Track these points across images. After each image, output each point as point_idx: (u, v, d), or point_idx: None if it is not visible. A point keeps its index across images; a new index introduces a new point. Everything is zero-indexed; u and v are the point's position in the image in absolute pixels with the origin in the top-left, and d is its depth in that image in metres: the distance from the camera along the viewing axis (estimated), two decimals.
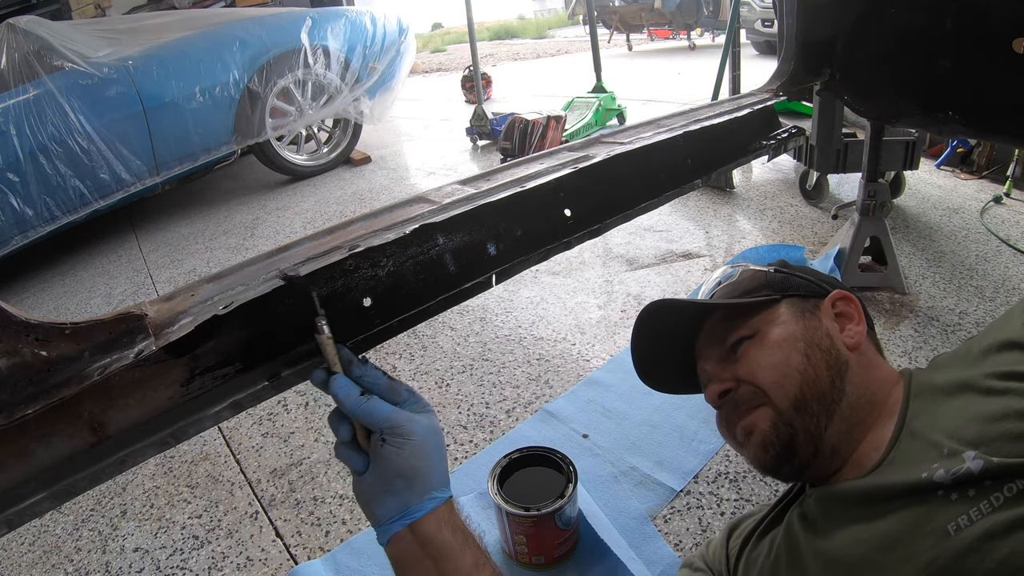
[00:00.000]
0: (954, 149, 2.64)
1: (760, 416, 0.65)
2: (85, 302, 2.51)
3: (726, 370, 0.70)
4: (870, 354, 0.68)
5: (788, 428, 0.63)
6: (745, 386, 0.67)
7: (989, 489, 0.46)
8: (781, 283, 0.73)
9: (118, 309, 0.48)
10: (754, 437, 0.65)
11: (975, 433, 0.50)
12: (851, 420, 0.62)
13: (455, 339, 1.78)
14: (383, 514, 0.54)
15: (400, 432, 0.54)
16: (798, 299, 0.71)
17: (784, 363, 0.65)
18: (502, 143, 3.37)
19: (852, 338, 0.67)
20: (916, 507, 0.50)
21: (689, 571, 0.80)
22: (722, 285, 0.78)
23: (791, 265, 0.78)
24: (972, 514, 0.46)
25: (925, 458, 0.52)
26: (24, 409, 0.40)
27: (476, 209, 0.63)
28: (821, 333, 0.67)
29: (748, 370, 0.67)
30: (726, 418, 0.70)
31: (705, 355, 0.74)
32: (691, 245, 2.19)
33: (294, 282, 0.51)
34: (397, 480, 0.54)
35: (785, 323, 0.68)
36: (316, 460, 1.38)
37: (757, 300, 0.71)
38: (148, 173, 2.83)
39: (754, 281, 0.74)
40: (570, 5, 10.53)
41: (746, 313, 0.71)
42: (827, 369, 0.64)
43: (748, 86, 1.66)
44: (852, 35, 1.21)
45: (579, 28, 13.26)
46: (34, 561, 1.23)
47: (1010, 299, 1.63)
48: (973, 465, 0.48)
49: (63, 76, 2.57)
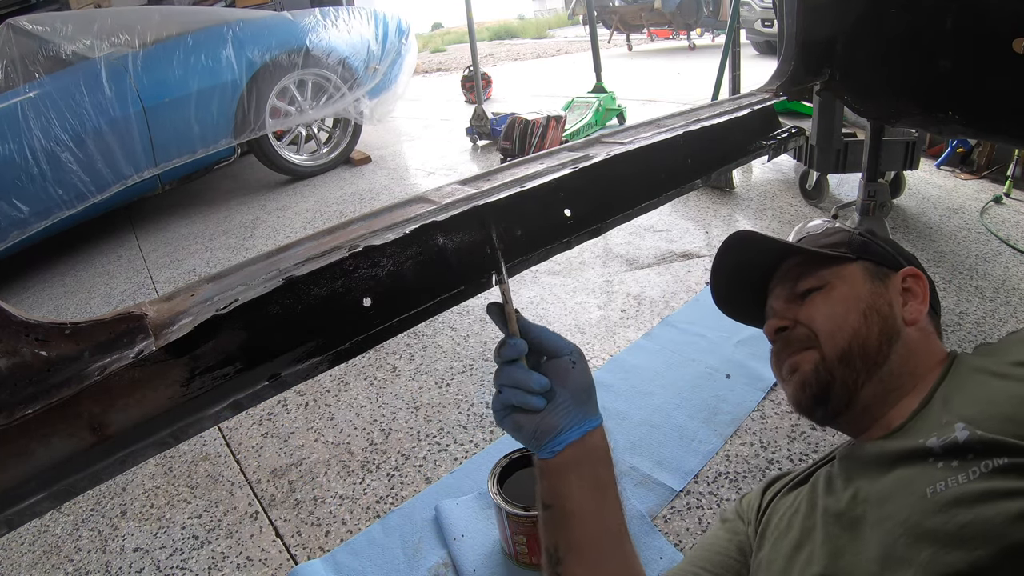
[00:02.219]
0: (954, 149, 2.64)
1: (806, 358, 0.70)
2: (85, 302, 2.51)
3: (790, 310, 0.75)
4: (926, 332, 0.72)
5: (828, 375, 0.67)
6: (801, 328, 0.72)
7: (970, 462, 0.50)
8: (861, 246, 0.77)
9: (118, 309, 0.48)
10: (796, 376, 0.70)
11: (973, 410, 0.54)
12: (888, 385, 0.66)
13: (455, 339, 1.78)
14: (568, 423, 0.61)
15: (582, 355, 0.64)
16: (872, 264, 0.75)
17: (842, 317, 0.69)
18: (502, 143, 3.37)
19: (911, 314, 0.71)
20: (908, 469, 0.55)
21: (719, 522, 0.84)
22: (809, 234, 0.84)
23: (876, 234, 0.82)
24: (949, 481, 0.50)
25: (930, 428, 0.56)
26: (24, 409, 0.40)
27: (476, 209, 0.63)
28: (884, 301, 0.71)
29: (808, 315, 0.72)
30: (777, 353, 0.75)
31: (776, 293, 0.79)
32: (691, 245, 2.19)
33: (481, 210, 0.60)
34: (582, 393, 0.62)
35: (854, 282, 0.73)
36: (316, 460, 1.38)
37: (835, 255, 0.75)
38: (148, 173, 2.83)
39: (837, 237, 0.79)
40: (570, 5, 10.53)
41: (822, 263, 0.75)
42: (879, 334, 0.68)
43: (748, 86, 1.66)
44: (852, 35, 1.21)
45: (579, 28, 13.26)
46: (34, 561, 1.23)
47: (1010, 299, 1.63)
48: (960, 435, 0.52)
49: (63, 75, 2.57)
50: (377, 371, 1.68)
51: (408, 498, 1.23)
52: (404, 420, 1.47)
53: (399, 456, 1.36)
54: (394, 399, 1.55)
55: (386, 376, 1.65)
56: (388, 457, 1.36)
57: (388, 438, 1.42)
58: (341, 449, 1.41)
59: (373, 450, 1.39)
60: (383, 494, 1.26)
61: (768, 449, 1.23)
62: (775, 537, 0.69)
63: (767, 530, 0.72)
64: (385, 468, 1.33)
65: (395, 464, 1.34)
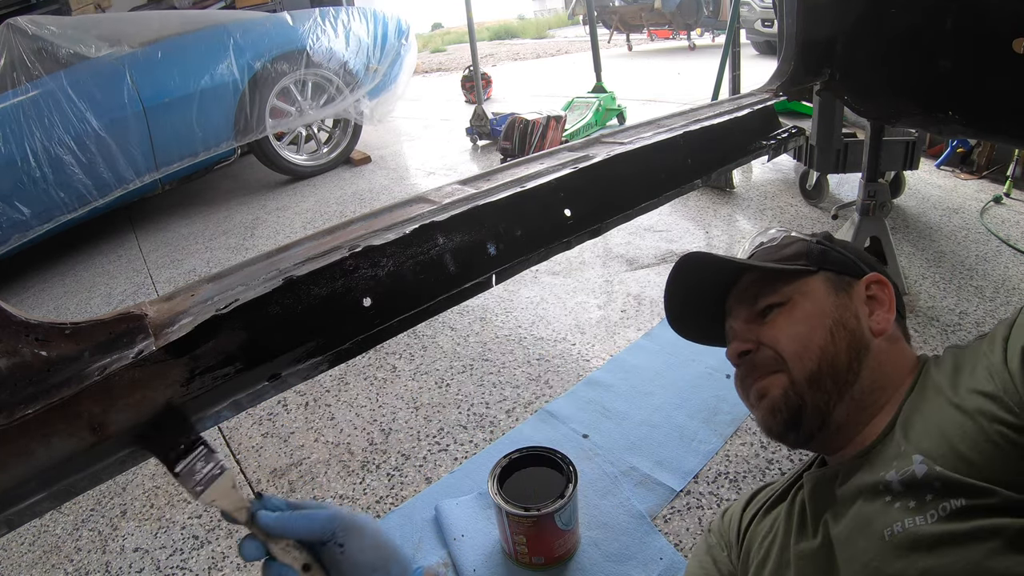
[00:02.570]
0: (954, 149, 2.64)
1: (774, 382, 0.66)
2: (85, 302, 2.51)
3: (751, 331, 0.71)
4: (894, 340, 0.69)
5: (798, 399, 0.64)
6: (766, 350, 0.68)
7: (928, 504, 0.49)
8: (820, 256, 0.73)
9: (118, 309, 0.48)
10: (765, 401, 0.67)
11: (929, 442, 0.52)
12: (860, 403, 0.63)
13: (455, 339, 1.78)
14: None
15: (351, 524, 0.49)
16: (834, 275, 0.72)
17: (808, 336, 0.66)
18: (502, 143, 3.37)
19: (879, 324, 0.68)
20: (868, 505, 0.54)
21: (704, 547, 0.83)
22: (763, 246, 0.79)
23: (834, 239, 0.79)
24: (907, 522, 0.49)
25: (891, 456, 0.55)
26: (24, 409, 0.40)
27: (476, 209, 0.63)
28: (849, 314, 0.68)
29: (772, 336, 0.68)
30: (742, 378, 0.71)
31: (735, 312, 0.75)
32: (691, 245, 2.19)
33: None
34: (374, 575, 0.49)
35: (816, 297, 0.69)
36: (316, 460, 1.38)
37: (794, 268, 0.72)
38: (148, 172, 2.83)
39: (794, 248, 0.75)
40: (570, 5, 10.53)
41: (780, 279, 0.71)
42: (847, 350, 0.65)
43: (748, 86, 1.66)
44: (852, 35, 1.21)
45: (579, 28, 13.26)
46: (34, 561, 1.23)
47: (1010, 299, 1.63)
48: (918, 469, 0.50)
49: (63, 75, 2.57)
50: (377, 371, 1.68)
51: (408, 498, 1.23)
52: (404, 420, 1.47)
53: (399, 456, 1.36)
54: (394, 399, 1.55)
55: (386, 376, 1.65)
56: (388, 457, 1.36)
57: (388, 438, 1.42)
58: (341, 449, 1.41)
59: (373, 450, 1.39)
60: (383, 494, 1.26)
61: (768, 449, 1.23)
62: (756, 565, 0.69)
63: (749, 554, 0.72)
64: (385, 468, 1.33)
65: (395, 464, 1.34)
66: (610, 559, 1.04)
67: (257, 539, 0.47)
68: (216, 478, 0.43)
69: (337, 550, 0.49)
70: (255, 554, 0.47)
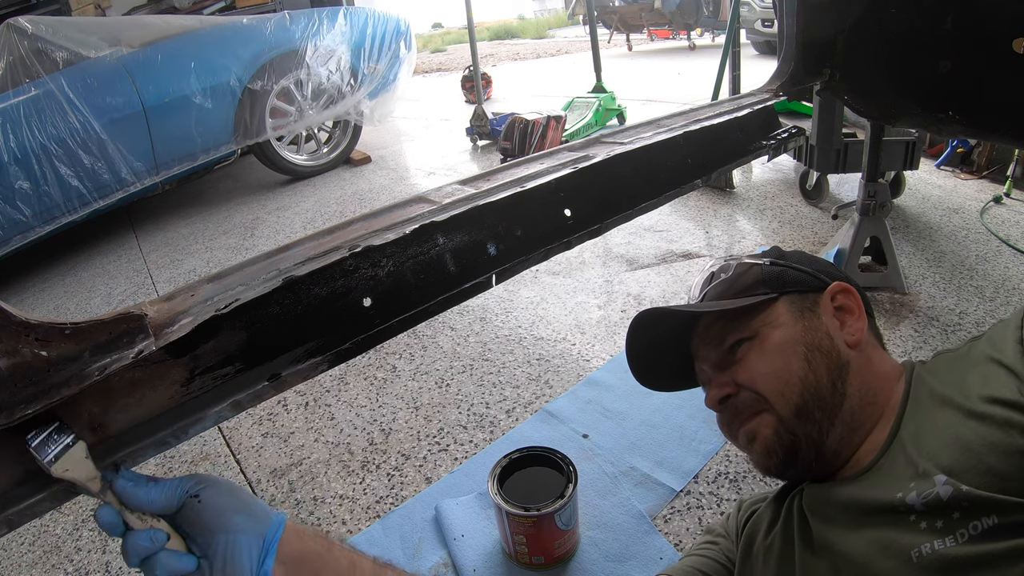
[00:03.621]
0: (954, 149, 2.64)
1: (762, 423, 0.64)
2: (85, 302, 2.51)
3: (725, 373, 0.68)
4: (870, 349, 0.67)
5: (791, 435, 0.62)
6: (746, 392, 0.66)
7: (956, 523, 0.46)
8: (778, 279, 0.71)
9: (118, 309, 0.48)
10: (756, 444, 0.65)
11: (950, 459, 0.49)
12: (852, 424, 0.61)
13: (455, 339, 1.78)
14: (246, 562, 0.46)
15: (204, 478, 0.48)
16: (796, 295, 0.69)
17: (785, 370, 0.63)
18: (502, 143, 3.37)
19: (853, 335, 0.66)
20: (887, 528, 0.51)
21: (710, 536, 0.82)
22: (715, 280, 0.75)
23: (786, 254, 0.76)
24: (936, 544, 0.46)
25: (904, 475, 0.52)
26: (24, 409, 0.40)
27: (476, 209, 0.63)
28: (821, 333, 0.65)
29: (748, 376, 0.65)
30: (728, 423, 0.69)
31: (702, 356, 0.73)
32: (691, 245, 2.19)
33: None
34: (235, 517, 0.47)
35: (784, 325, 0.66)
36: (316, 460, 1.38)
37: (753, 301, 0.68)
38: (148, 173, 2.83)
39: (750, 276, 0.72)
40: (570, 5, 10.53)
41: (743, 314, 0.68)
42: (828, 373, 0.63)
43: (748, 86, 1.66)
44: (852, 35, 1.21)
45: (579, 28, 13.26)
46: (34, 561, 1.23)
47: (1010, 299, 1.63)
48: (943, 490, 0.47)
49: (63, 75, 2.57)
50: (377, 371, 1.68)
51: (408, 498, 1.23)
52: (404, 420, 1.47)
53: (399, 456, 1.36)
54: (394, 399, 1.55)
55: (386, 376, 1.65)
56: (388, 457, 1.36)
57: (388, 438, 1.42)
58: (341, 449, 1.41)
59: (373, 450, 1.39)
60: (383, 494, 1.26)
61: None
62: (753, 572, 0.68)
63: (746, 561, 0.71)
64: (385, 468, 1.33)
65: (395, 464, 1.34)
66: (610, 559, 1.04)
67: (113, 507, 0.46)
68: (69, 448, 0.42)
69: (195, 503, 0.47)
70: (111, 518, 0.46)
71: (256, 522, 0.48)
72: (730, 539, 0.79)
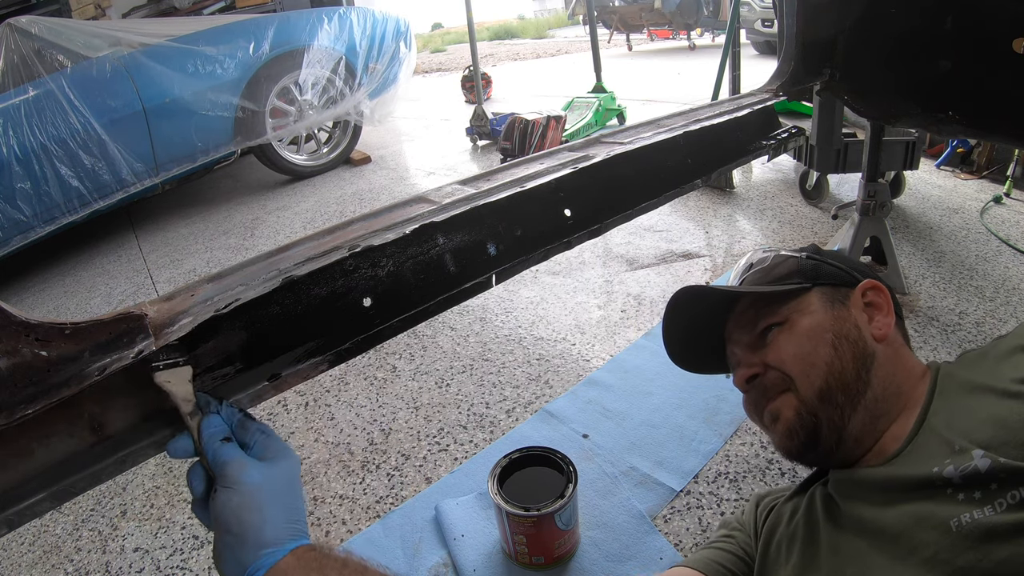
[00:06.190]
0: (954, 149, 2.64)
1: (785, 402, 0.66)
2: (85, 302, 2.51)
3: (755, 355, 0.71)
4: (897, 346, 0.69)
5: (812, 417, 0.64)
6: (773, 372, 0.68)
7: (995, 493, 0.47)
8: (812, 271, 0.74)
9: (118, 309, 0.48)
10: (779, 424, 0.67)
11: (987, 435, 0.51)
12: (875, 412, 0.63)
13: (455, 339, 1.78)
14: None
15: (228, 481, 0.48)
16: (829, 288, 0.72)
17: (812, 353, 0.66)
18: (502, 143, 3.37)
19: (880, 329, 0.68)
20: (923, 502, 0.52)
21: (726, 530, 0.83)
22: (753, 269, 0.78)
23: (823, 251, 0.79)
24: (975, 513, 0.47)
25: (937, 453, 0.53)
26: (24, 409, 0.40)
27: (476, 209, 0.63)
28: (850, 324, 0.68)
29: (776, 357, 0.68)
30: (754, 402, 0.71)
31: (735, 339, 0.75)
32: (691, 245, 2.19)
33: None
34: (226, 536, 0.47)
35: (815, 313, 0.69)
36: (316, 460, 1.38)
37: (788, 288, 0.72)
38: (148, 173, 2.83)
39: (786, 267, 0.75)
40: (570, 5, 10.53)
41: (777, 300, 0.72)
42: (854, 361, 0.65)
43: (748, 86, 1.66)
44: (852, 35, 1.21)
45: (579, 28, 13.26)
46: (34, 561, 1.23)
47: (1010, 299, 1.63)
48: (980, 463, 0.49)
49: (63, 76, 2.57)
50: (377, 371, 1.68)
51: (408, 498, 1.23)
52: (404, 420, 1.47)
53: (399, 456, 1.36)
54: (394, 399, 1.55)
55: (386, 376, 1.65)
56: (388, 457, 1.36)
57: (388, 438, 1.42)
58: (341, 449, 1.40)
59: (373, 450, 1.39)
60: (383, 494, 1.26)
61: (768, 449, 1.23)
62: (775, 561, 0.67)
63: (767, 552, 0.71)
64: (385, 468, 1.33)
65: (395, 464, 1.34)
66: (610, 559, 1.04)
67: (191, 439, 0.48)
68: (178, 366, 0.46)
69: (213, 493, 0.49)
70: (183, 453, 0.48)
71: (242, 552, 0.47)
72: (746, 532, 0.79)
